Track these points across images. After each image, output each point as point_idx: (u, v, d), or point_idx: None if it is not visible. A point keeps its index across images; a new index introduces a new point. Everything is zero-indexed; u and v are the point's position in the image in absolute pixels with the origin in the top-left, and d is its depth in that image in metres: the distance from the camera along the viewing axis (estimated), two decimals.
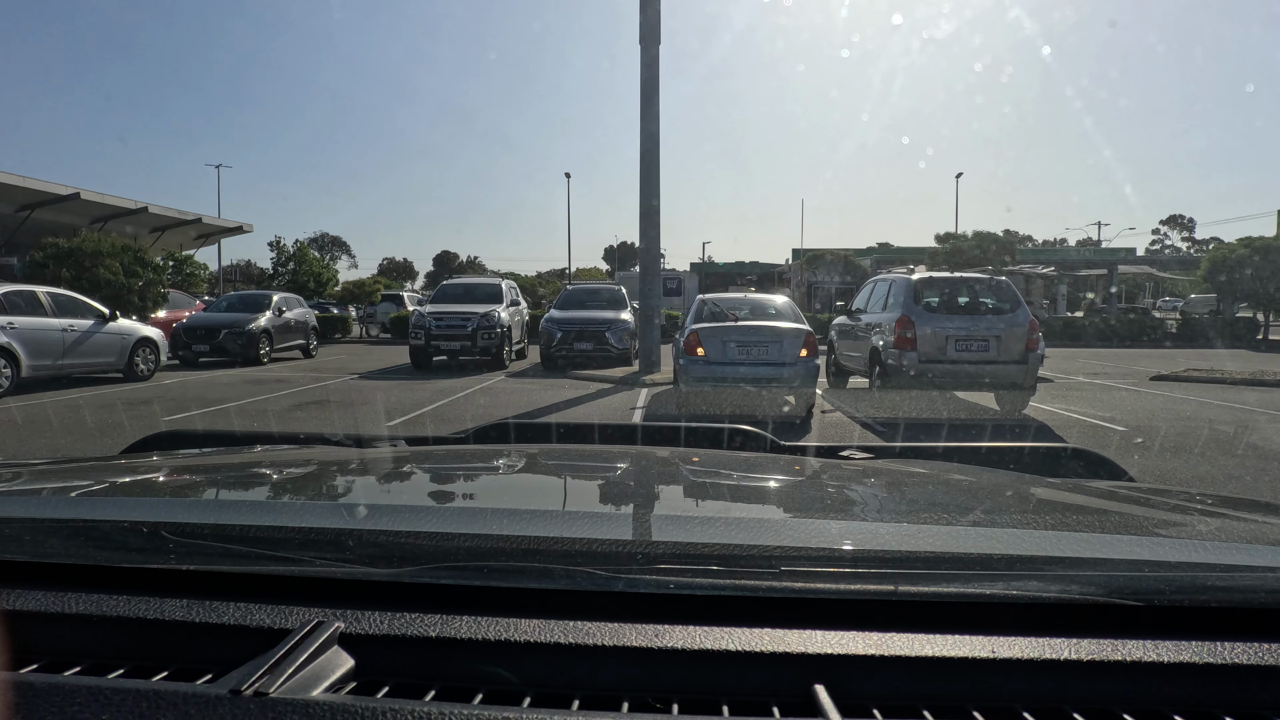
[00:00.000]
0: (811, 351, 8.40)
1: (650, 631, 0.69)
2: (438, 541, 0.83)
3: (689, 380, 8.40)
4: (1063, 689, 0.66)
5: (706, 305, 9.39)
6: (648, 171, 12.85)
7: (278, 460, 1.53)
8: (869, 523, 1.07)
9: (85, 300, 11.75)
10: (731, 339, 8.38)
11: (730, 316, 8.90)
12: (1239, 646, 0.68)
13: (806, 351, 8.34)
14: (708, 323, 8.76)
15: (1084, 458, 1.57)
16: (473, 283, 16.53)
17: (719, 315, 9.03)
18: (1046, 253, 44.17)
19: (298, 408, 9.18)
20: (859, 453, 1.57)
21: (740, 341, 8.36)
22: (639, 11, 12.74)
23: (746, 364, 8.30)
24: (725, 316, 8.94)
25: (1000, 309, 8.77)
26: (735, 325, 8.61)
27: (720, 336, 8.38)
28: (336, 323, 25.44)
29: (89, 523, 0.94)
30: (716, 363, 8.30)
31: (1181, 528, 1.06)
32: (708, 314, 9.12)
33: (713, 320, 8.88)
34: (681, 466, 1.51)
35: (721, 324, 8.65)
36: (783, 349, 8.34)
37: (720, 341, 8.34)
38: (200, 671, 0.66)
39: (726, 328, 8.53)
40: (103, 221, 26.10)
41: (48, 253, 16.55)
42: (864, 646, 0.68)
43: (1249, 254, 21.86)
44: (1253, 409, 8.97)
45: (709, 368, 8.30)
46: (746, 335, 8.43)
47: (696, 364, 8.34)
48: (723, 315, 9.00)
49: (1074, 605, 0.73)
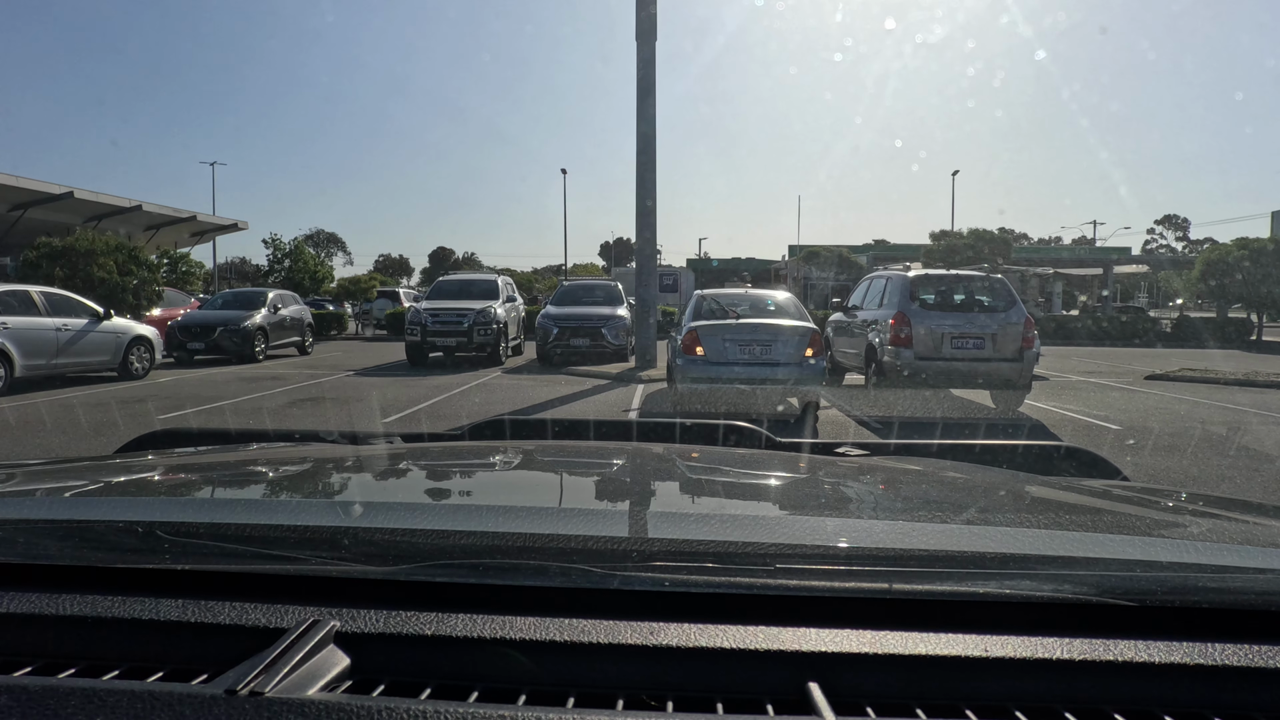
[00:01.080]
0: (818, 351, 7.91)
1: (645, 629, 0.70)
2: (433, 539, 0.82)
3: (686, 381, 7.96)
4: (1055, 688, 0.66)
5: (705, 301, 8.81)
6: (644, 169, 12.85)
7: (273, 458, 1.52)
8: (864, 520, 1.07)
9: (79, 299, 11.70)
10: (732, 338, 7.87)
11: (731, 314, 8.33)
12: (1230, 648, 0.68)
13: (812, 351, 7.86)
14: (707, 320, 8.24)
15: (1078, 456, 1.57)
16: (469, 279, 16.51)
17: (718, 312, 8.47)
18: (1042, 251, 44.28)
19: (293, 405, 9.16)
20: (854, 450, 1.58)
21: (742, 340, 7.85)
22: (635, 9, 12.73)
23: (748, 364, 7.80)
24: (725, 313, 8.39)
25: (996, 307, 8.79)
26: (737, 323, 8.06)
27: (721, 335, 7.87)
28: (332, 320, 25.36)
29: (83, 523, 0.94)
30: (716, 363, 7.82)
31: (1174, 528, 1.07)
32: (706, 311, 8.56)
33: (712, 317, 8.33)
34: (677, 463, 1.51)
35: (722, 321, 8.11)
36: (787, 348, 7.83)
37: (720, 340, 7.85)
38: (196, 672, 0.66)
39: (727, 325, 8.00)
40: (96, 220, 26.00)
41: (41, 252, 16.49)
42: (858, 645, 0.68)
43: (1242, 256, 21.96)
44: (1245, 409, 9.01)
45: (708, 368, 7.82)
46: (748, 334, 7.90)
47: (695, 364, 7.85)
48: (723, 312, 8.45)
49: (1067, 605, 0.73)
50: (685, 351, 7.98)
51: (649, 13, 12.65)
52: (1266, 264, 21.55)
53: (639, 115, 12.88)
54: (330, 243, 79.00)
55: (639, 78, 12.84)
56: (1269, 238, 23.56)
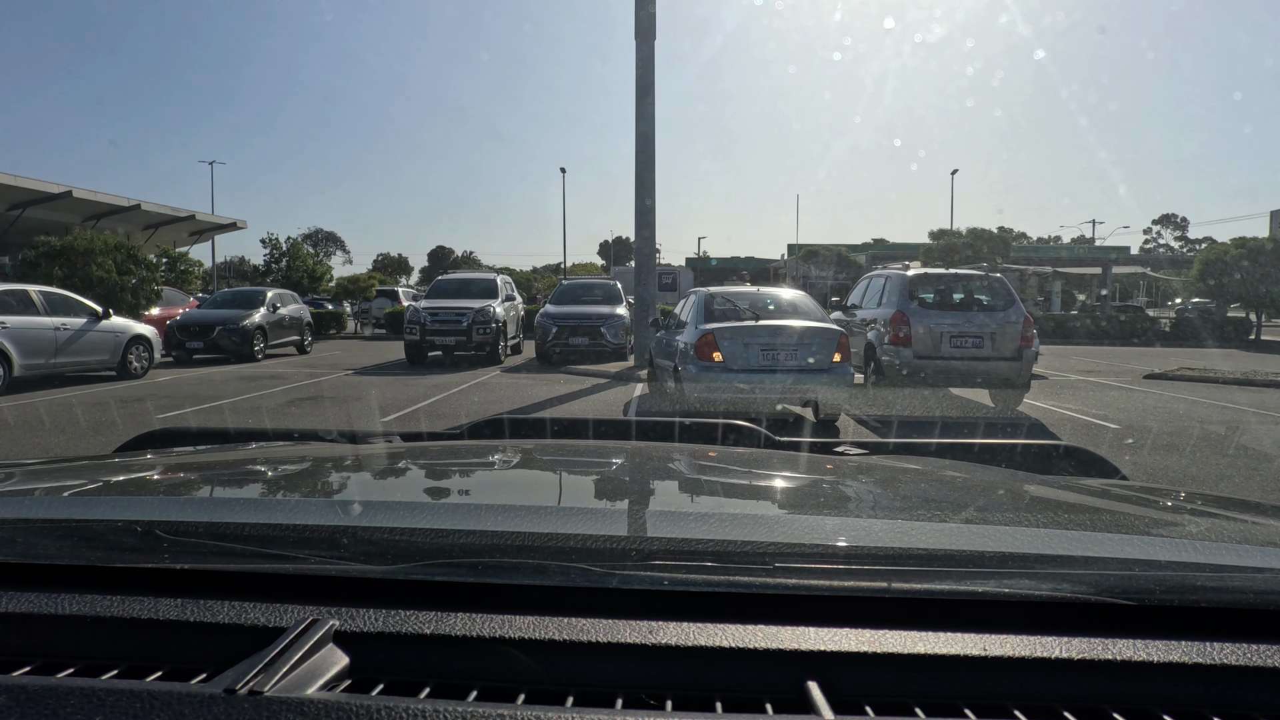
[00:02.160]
0: (845, 355, 7.22)
1: (645, 628, 0.70)
2: (432, 538, 0.82)
3: (700, 390, 7.14)
4: (1054, 687, 0.66)
5: (716, 300, 7.98)
6: (643, 168, 12.85)
7: (272, 457, 1.52)
8: (863, 519, 1.07)
9: (78, 298, 11.68)
10: (755, 341, 7.11)
11: (749, 315, 7.59)
12: (1228, 647, 0.68)
13: (840, 355, 7.18)
14: (723, 322, 7.46)
15: (1076, 455, 1.57)
16: (468, 278, 16.51)
17: (733, 313, 7.69)
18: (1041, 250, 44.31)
19: (292, 404, 9.16)
20: (853, 449, 1.58)
21: (765, 344, 7.11)
22: (634, 7, 12.73)
23: (772, 371, 7.05)
24: (740, 314, 7.64)
25: (995, 306, 8.79)
26: (758, 325, 7.32)
27: (742, 338, 7.11)
28: (331, 319, 25.34)
29: (82, 523, 0.94)
30: (737, 370, 7.06)
31: (1173, 527, 1.07)
32: (720, 311, 7.75)
33: (726, 319, 7.54)
34: (676, 462, 1.51)
35: (742, 324, 7.36)
36: (814, 352, 7.10)
37: (742, 344, 7.09)
38: (195, 671, 0.66)
39: (749, 328, 7.25)
40: (95, 219, 25.97)
41: (40, 251, 16.47)
42: (857, 643, 0.68)
43: (1240, 255, 22.00)
44: (1244, 409, 9.01)
45: (727, 376, 7.02)
46: (772, 337, 7.15)
47: (710, 370, 7.04)
48: (736, 313, 7.68)
49: (1066, 604, 0.73)
50: (699, 356, 7.23)
51: (648, 12, 12.64)
52: (1265, 263, 21.59)
53: (638, 114, 12.87)
54: (329, 242, 78.95)
55: (638, 76, 12.84)
56: (1267, 237, 23.59)
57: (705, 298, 8.14)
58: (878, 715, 0.63)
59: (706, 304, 7.97)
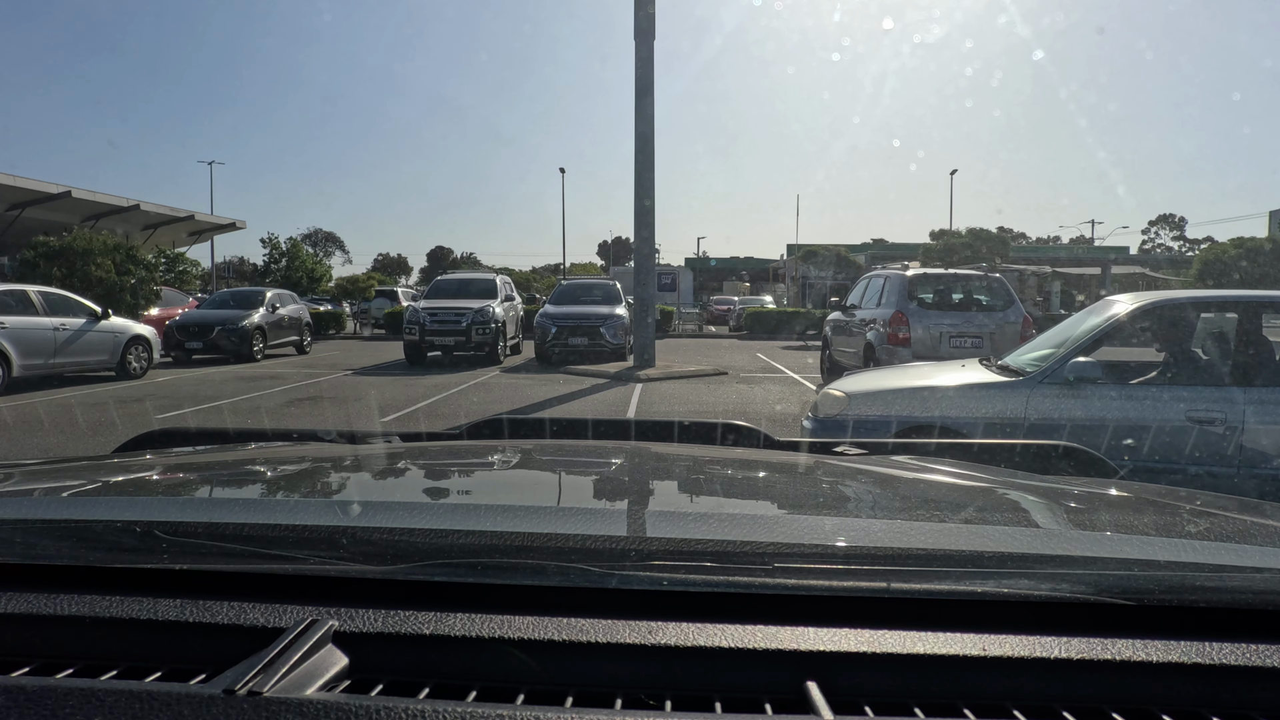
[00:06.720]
0: None
1: (644, 628, 0.70)
2: (431, 539, 0.82)
3: None
4: (1053, 687, 0.66)
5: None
6: (642, 168, 12.84)
7: (271, 458, 1.52)
8: (862, 519, 1.07)
9: (77, 299, 11.68)
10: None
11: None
12: (1226, 647, 0.68)
13: None
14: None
15: (1075, 456, 1.57)
16: (467, 278, 16.50)
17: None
18: (1040, 250, 44.32)
19: (291, 404, 9.15)
20: (852, 449, 1.58)
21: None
22: (634, 8, 12.72)
23: None
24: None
25: (994, 306, 8.81)
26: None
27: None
28: (330, 319, 25.30)
29: (81, 523, 0.94)
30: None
31: (1171, 527, 1.07)
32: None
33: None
34: (675, 462, 1.51)
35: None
36: None
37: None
38: (194, 671, 0.66)
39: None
40: (94, 219, 25.95)
41: (39, 251, 16.46)
42: (856, 643, 0.68)
43: (1239, 255, 22.05)
44: None
45: None
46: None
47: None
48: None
49: (1065, 604, 0.73)
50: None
51: (647, 12, 12.64)
52: (1263, 263, 21.64)
53: (637, 114, 12.87)
54: (328, 242, 79.03)
55: (637, 77, 12.83)
56: (1266, 237, 23.63)
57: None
58: (877, 715, 0.63)
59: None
